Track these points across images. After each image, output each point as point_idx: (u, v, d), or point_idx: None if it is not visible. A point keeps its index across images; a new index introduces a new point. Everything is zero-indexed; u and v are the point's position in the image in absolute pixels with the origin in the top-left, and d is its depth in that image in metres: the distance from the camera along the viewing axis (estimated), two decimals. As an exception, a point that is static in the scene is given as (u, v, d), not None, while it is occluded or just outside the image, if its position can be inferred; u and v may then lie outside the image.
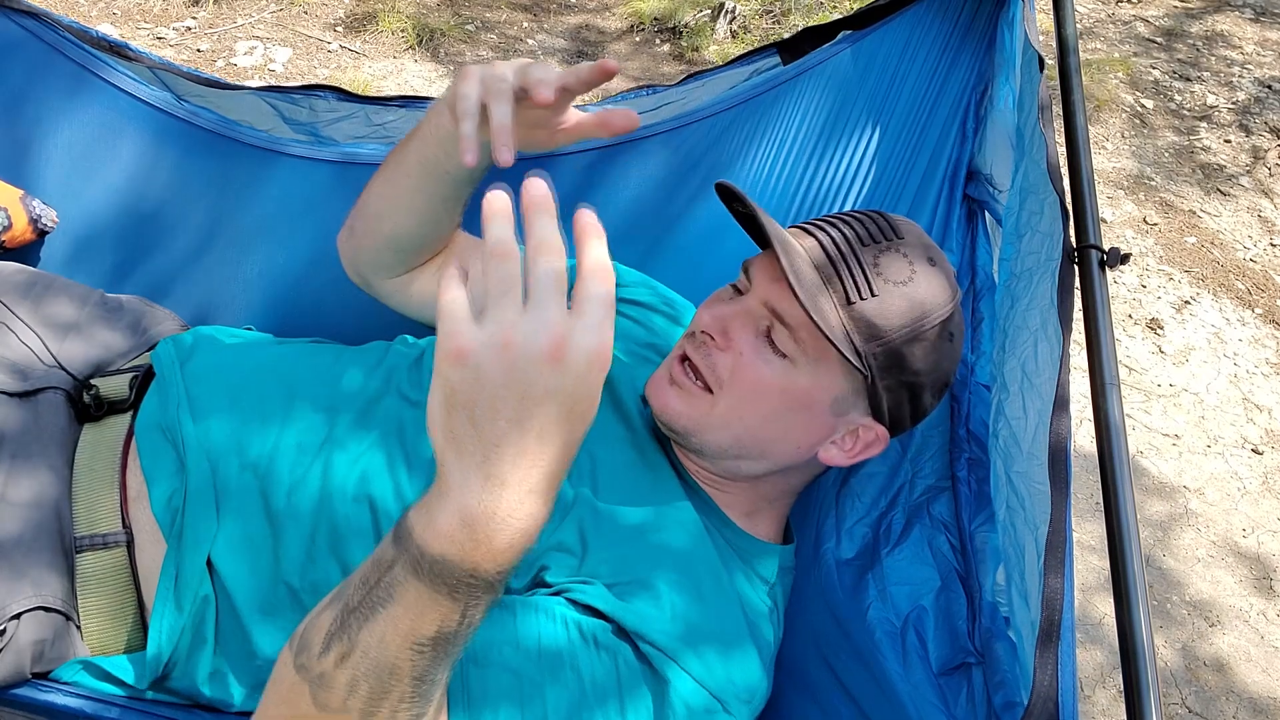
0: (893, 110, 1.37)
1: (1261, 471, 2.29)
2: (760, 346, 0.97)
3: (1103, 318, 0.93)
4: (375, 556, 0.68)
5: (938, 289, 0.96)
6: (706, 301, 1.04)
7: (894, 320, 0.94)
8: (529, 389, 0.60)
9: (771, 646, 0.99)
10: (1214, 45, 3.63)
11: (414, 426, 1.04)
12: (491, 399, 0.61)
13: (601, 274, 0.62)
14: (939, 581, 1.08)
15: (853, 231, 0.97)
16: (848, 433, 1.00)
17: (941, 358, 0.98)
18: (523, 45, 3.34)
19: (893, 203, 1.36)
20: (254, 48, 3.13)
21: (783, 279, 0.93)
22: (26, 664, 0.94)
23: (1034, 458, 0.88)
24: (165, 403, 1.06)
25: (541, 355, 0.60)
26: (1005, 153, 1.24)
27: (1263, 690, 1.89)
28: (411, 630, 0.65)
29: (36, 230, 1.37)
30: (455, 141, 0.99)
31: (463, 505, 0.63)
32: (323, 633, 0.68)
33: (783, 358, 0.96)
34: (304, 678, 0.69)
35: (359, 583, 0.68)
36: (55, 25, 1.43)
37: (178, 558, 0.97)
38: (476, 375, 0.60)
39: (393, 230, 1.16)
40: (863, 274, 0.94)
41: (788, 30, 3.45)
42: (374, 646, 0.66)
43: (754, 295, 0.99)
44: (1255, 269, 2.83)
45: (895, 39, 1.36)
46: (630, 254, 1.38)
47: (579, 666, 0.86)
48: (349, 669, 0.67)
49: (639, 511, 0.99)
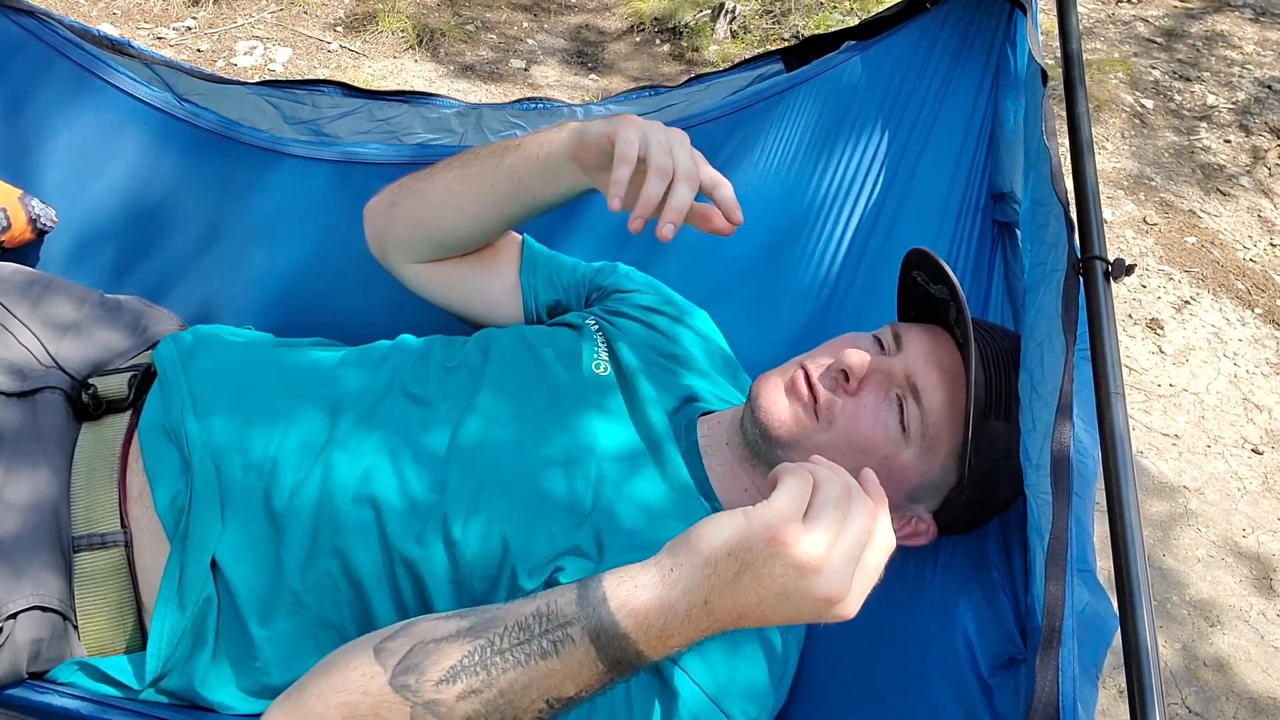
0: (899, 119, 1.37)
1: (1261, 471, 2.29)
2: (886, 410, 0.98)
3: (1107, 328, 0.93)
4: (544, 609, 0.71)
5: None
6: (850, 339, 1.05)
7: (1011, 446, 0.96)
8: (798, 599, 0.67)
9: (783, 659, 0.98)
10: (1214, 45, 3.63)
11: (418, 423, 1.03)
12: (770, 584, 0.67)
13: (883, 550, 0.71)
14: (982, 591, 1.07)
15: (1008, 347, 1.01)
16: (906, 517, 1.02)
17: (1010, 492, 1.01)
18: (523, 45, 3.34)
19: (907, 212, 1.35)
20: (254, 48, 3.12)
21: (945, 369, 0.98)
22: (23, 664, 0.94)
23: (1042, 469, 0.88)
24: (168, 403, 1.06)
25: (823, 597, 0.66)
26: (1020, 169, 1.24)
27: (1263, 690, 1.89)
28: (557, 687, 0.68)
29: (36, 230, 1.37)
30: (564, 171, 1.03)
31: (671, 604, 0.67)
32: (448, 663, 0.70)
33: (901, 430, 0.98)
34: (407, 698, 0.70)
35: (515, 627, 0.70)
36: (56, 25, 1.42)
37: (182, 558, 0.97)
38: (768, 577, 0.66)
39: (445, 225, 1.17)
40: (1005, 394, 0.98)
41: (787, 30, 3.44)
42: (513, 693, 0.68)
43: (901, 360, 1.00)
44: (1255, 269, 2.83)
45: (903, 49, 1.36)
46: (631, 255, 1.38)
47: None
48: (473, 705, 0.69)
49: (655, 522, 0.99)
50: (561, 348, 1.14)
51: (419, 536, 0.95)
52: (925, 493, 1.01)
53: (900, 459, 0.98)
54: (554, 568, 0.94)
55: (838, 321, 1.34)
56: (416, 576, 0.95)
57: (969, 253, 1.32)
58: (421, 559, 0.95)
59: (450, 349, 1.14)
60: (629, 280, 1.27)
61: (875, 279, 1.35)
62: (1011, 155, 1.29)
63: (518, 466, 1.00)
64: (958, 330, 1.00)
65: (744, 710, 0.90)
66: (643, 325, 1.20)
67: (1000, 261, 1.30)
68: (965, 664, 1.01)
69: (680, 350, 1.19)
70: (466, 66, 3.20)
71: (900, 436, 0.97)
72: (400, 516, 0.96)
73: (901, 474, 0.99)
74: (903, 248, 1.33)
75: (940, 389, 0.98)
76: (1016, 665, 0.98)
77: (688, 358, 1.19)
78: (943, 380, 0.98)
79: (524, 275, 1.25)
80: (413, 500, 0.98)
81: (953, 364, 1.00)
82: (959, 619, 1.03)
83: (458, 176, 1.14)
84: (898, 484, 0.99)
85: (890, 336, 1.04)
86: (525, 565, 0.94)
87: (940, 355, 1.00)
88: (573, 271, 1.27)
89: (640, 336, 1.18)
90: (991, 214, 1.33)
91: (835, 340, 1.06)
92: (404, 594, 0.96)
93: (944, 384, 0.98)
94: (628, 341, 1.15)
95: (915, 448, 0.98)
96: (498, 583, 0.94)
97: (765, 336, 1.35)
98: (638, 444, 1.06)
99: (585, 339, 1.15)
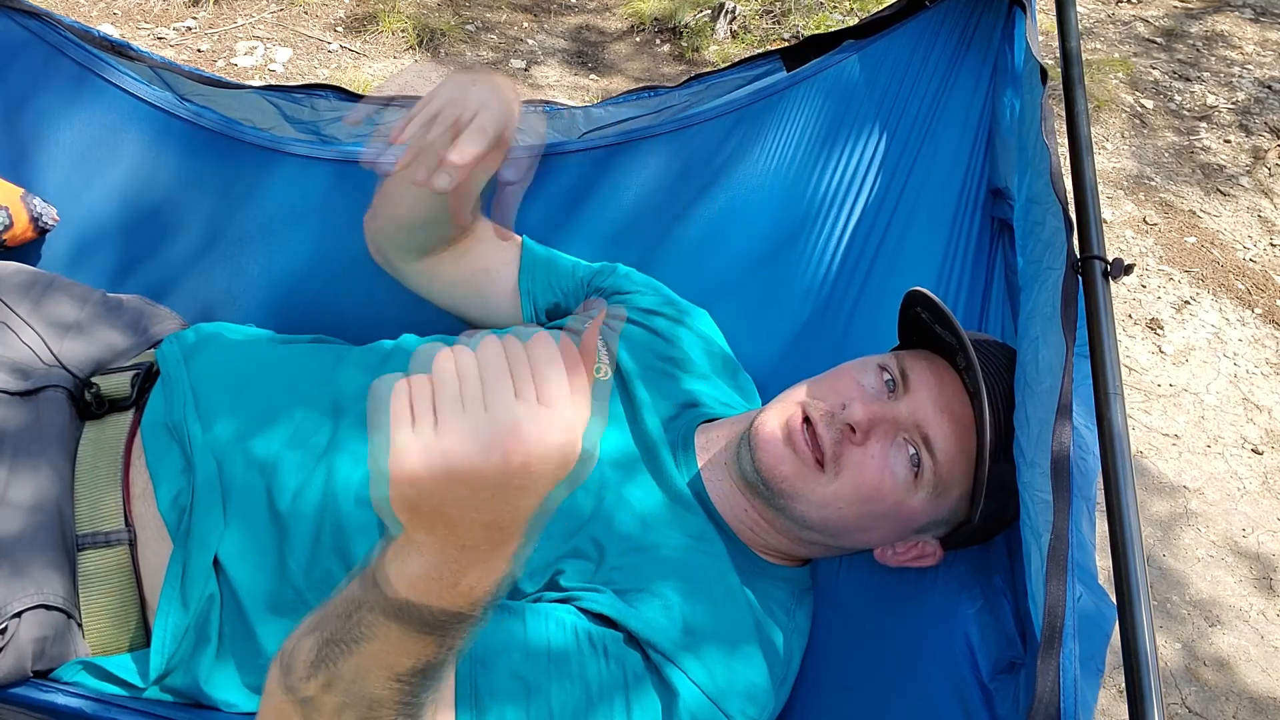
0: (899, 118, 1.37)
1: (1261, 471, 2.30)
2: (895, 459, 0.95)
3: (1106, 328, 0.93)
4: (347, 594, 0.68)
5: None
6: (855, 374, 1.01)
7: (1010, 485, 0.94)
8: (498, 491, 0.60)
9: (784, 661, 0.98)
10: (1214, 45, 3.63)
11: None
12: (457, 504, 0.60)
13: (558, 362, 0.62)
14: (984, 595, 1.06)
15: (1007, 382, 0.98)
16: (912, 544, 1.01)
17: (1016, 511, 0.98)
18: (523, 46, 3.34)
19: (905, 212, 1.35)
20: (254, 48, 3.12)
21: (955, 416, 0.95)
22: (28, 662, 0.94)
23: (1036, 466, 0.88)
24: (171, 401, 1.06)
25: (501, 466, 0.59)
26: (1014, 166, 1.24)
27: (1263, 690, 1.89)
28: (391, 665, 0.65)
29: (37, 229, 1.37)
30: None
31: (427, 563, 0.63)
32: (307, 658, 0.68)
33: (913, 478, 0.95)
34: (291, 698, 0.69)
35: (335, 615, 0.68)
36: (57, 26, 1.43)
37: (184, 556, 0.98)
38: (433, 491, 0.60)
39: (407, 216, 1.18)
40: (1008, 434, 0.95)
41: (788, 30, 3.44)
42: (356, 679, 0.66)
43: (908, 406, 0.97)
44: (1255, 269, 2.83)
45: (902, 48, 1.36)
46: (630, 255, 1.38)
47: (586, 674, 0.86)
48: (336, 696, 0.67)
49: (654, 527, 0.99)
50: None
51: None
52: (933, 527, 1.00)
53: (910, 504, 0.96)
54: (554, 570, 0.94)
55: (838, 320, 1.34)
56: None
57: (969, 249, 1.31)
58: None
59: None
60: (628, 281, 1.27)
61: (876, 277, 1.34)
62: (1007, 152, 1.29)
63: None
64: (967, 379, 0.97)
65: (743, 710, 0.91)
66: (641, 328, 1.20)
67: (1000, 258, 1.30)
68: (966, 668, 1.00)
69: (679, 353, 1.19)
70: (467, 67, 3.20)
71: (911, 483, 0.95)
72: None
73: (910, 515, 0.98)
74: (904, 244, 1.34)
75: (953, 439, 0.95)
76: (1016, 669, 0.97)
77: (687, 360, 1.18)
78: (954, 430, 0.95)
79: (523, 279, 1.26)
80: None
81: (962, 409, 0.97)
82: (961, 623, 1.03)
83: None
84: (905, 523, 0.98)
85: (897, 371, 1.00)
86: (525, 568, 0.94)
87: (949, 399, 0.97)
88: (571, 275, 1.27)
89: (639, 339, 1.18)
90: (991, 210, 1.33)
91: (839, 372, 1.03)
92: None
93: (956, 434, 0.95)
94: (626, 345, 1.15)
95: (926, 493, 0.96)
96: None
97: (766, 335, 1.35)
98: (634, 450, 1.06)
99: None
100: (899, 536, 1.00)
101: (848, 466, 0.96)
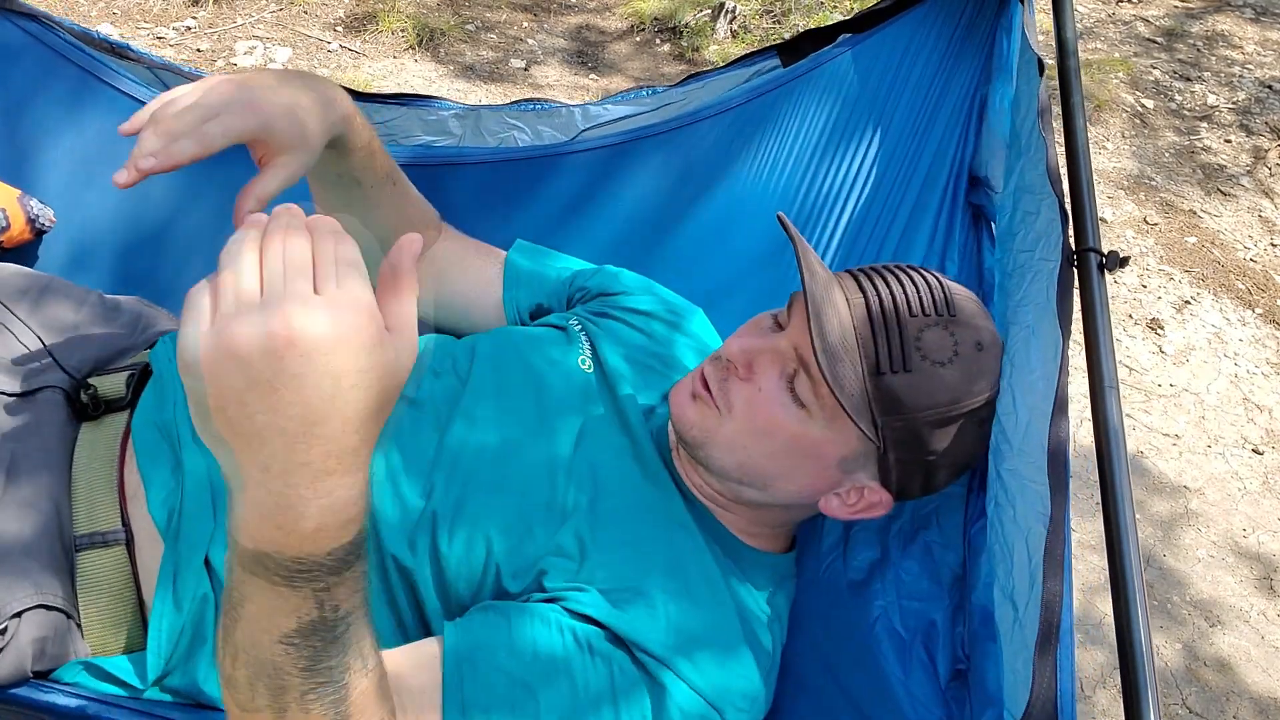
0: (893, 113, 1.37)
1: (1262, 471, 2.29)
2: (781, 389, 0.95)
3: (1101, 320, 0.92)
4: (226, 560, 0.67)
5: (976, 376, 0.93)
6: (745, 328, 1.03)
7: (921, 400, 0.91)
8: (272, 379, 0.58)
9: (771, 654, 0.98)
10: (1214, 45, 3.63)
11: (411, 427, 1.04)
12: (239, 399, 0.59)
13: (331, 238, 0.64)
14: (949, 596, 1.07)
15: (904, 296, 0.94)
16: (853, 489, 0.98)
17: (965, 444, 0.96)
18: (523, 45, 3.35)
19: (895, 206, 1.36)
20: (254, 48, 3.13)
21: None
22: (28, 663, 0.94)
23: (1025, 454, 0.88)
24: (162, 400, 1.06)
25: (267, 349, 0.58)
26: (1001, 155, 1.24)
27: (1264, 690, 1.89)
28: (272, 626, 0.65)
29: (34, 230, 1.37)
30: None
31: (255, 500, 0.61)
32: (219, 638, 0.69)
33: (800, 406, 0.94)
34: (221, 681, 0.69)
35: (227, 591, 0.67)
36: (57, 28, 1.43)
37: (175, 557, 0.97)
38: (212, 381, 0.59)
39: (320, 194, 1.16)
40: (900, 346, 0.91)
41: (788, 30, 3.45)
42: (250, 646, 0.66)
43: (787, 336, 0.97)
44: (1256, 269, 2.83)
45: (896, 42, 1.36)
46: (629, 255, 1.38)
47: (573, 673, 0.86)
48: (242, 669, 0.67)
49: (637, 520, 0.99)
50: (547, 347, 1.14)
51: (411, 541, 0.96)
52: (855, 464, 0.97)
53: (810, 435, 0.95)
54: (538, 570, 0.94)
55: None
56: (409, 579, 0.96)
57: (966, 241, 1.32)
58: (413, 562, 0.95)
59: (440, 351, 1.15)
60: (616, 281, 1.26)
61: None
62: (991, 140, 1.29)
63: (502, 468, 1.01)
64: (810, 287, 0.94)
65: (737, 708, 0.91)
66: (627, 325, 1.20)
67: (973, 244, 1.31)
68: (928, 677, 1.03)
69: (666, 351, 1.19)
70: (467, 66, 3.20)
71: (801, 412, 0.94)
72: (392, 520, 0.97)
73: (818, 449, 0.95)
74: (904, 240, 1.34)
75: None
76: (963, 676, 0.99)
77: (673, 358, 1.18)
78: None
79: (506, 294, 1.27)
80: (404, 505, 0.98)
81: None
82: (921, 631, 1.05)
83: None
84: (821, 459, 0.96)
85: (786, 310, 1.00)
86: (509, 567, 0.94)
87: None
88: (556, 279, 1.28)
89: (624, 337, 1.18)
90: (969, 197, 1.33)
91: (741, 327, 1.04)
92: (397, 594, 0.97)
93: None
94: (611, 341, 1.16)
95: (819, 419, 0.94)
96: (483, 585, 0.95)
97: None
98: (621, 443, 1.06)
99: (571, 339, 1.16)
100: (829, 480, 0.98)
101: (738, 402, 0.97)
